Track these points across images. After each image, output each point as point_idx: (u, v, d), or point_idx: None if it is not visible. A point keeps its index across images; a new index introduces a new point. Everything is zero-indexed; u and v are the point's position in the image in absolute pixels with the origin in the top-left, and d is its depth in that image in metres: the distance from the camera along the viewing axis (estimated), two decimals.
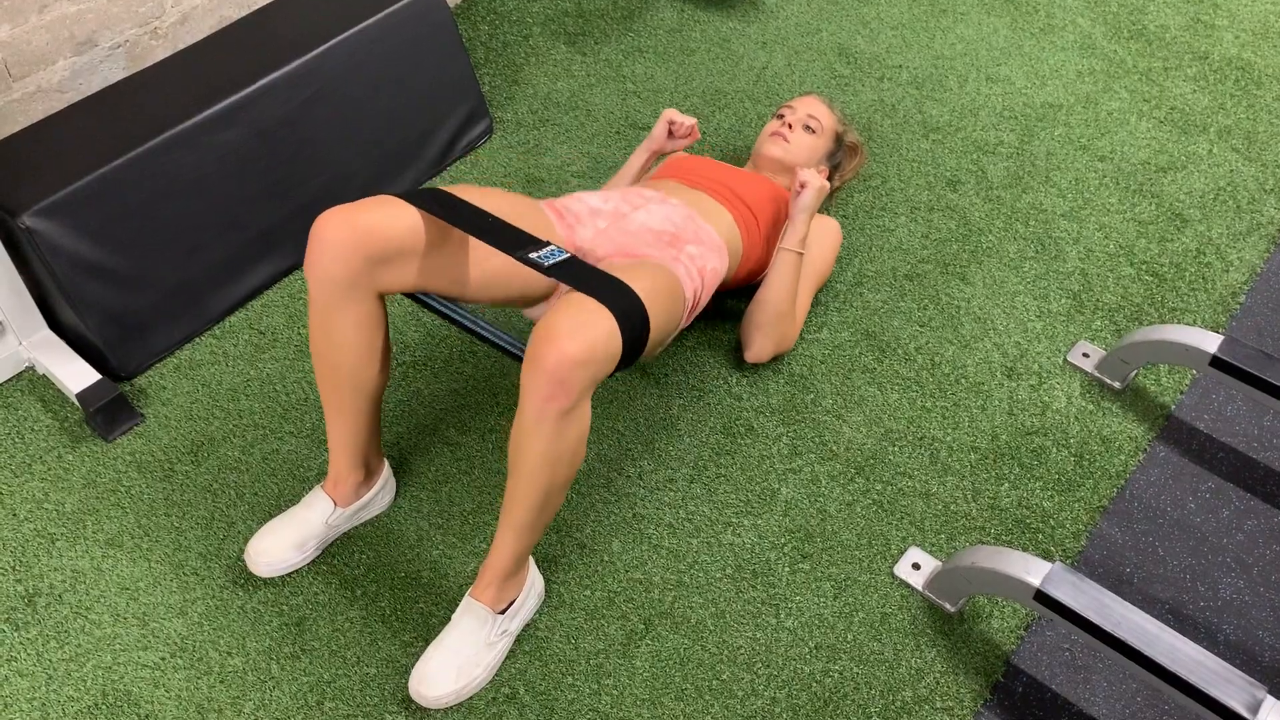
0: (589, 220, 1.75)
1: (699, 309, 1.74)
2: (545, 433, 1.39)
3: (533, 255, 1.45)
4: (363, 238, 1.46)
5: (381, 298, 1.54)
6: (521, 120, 2.54)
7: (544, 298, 1.72)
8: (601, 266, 1.66)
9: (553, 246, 1.48)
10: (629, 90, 2.62)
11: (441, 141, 2.38)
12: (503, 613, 1.57)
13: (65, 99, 2.09)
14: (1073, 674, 1.59)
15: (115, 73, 2.15)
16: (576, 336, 1.34)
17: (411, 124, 2.30)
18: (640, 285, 1.50)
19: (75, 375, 1.89)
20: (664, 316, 1.55)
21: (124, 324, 1.95)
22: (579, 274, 1.45)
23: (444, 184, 2.37)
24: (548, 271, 1.44)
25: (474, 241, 1.58)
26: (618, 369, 1.43)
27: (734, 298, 2.12)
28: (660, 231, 1.74)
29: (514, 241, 1.47)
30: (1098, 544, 1.74)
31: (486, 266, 1.60)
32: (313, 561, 1.70)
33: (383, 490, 1.76)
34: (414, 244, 1.50)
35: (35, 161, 1.87)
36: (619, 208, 1.78)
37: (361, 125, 2.20)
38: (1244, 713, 1.36)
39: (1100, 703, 1.56)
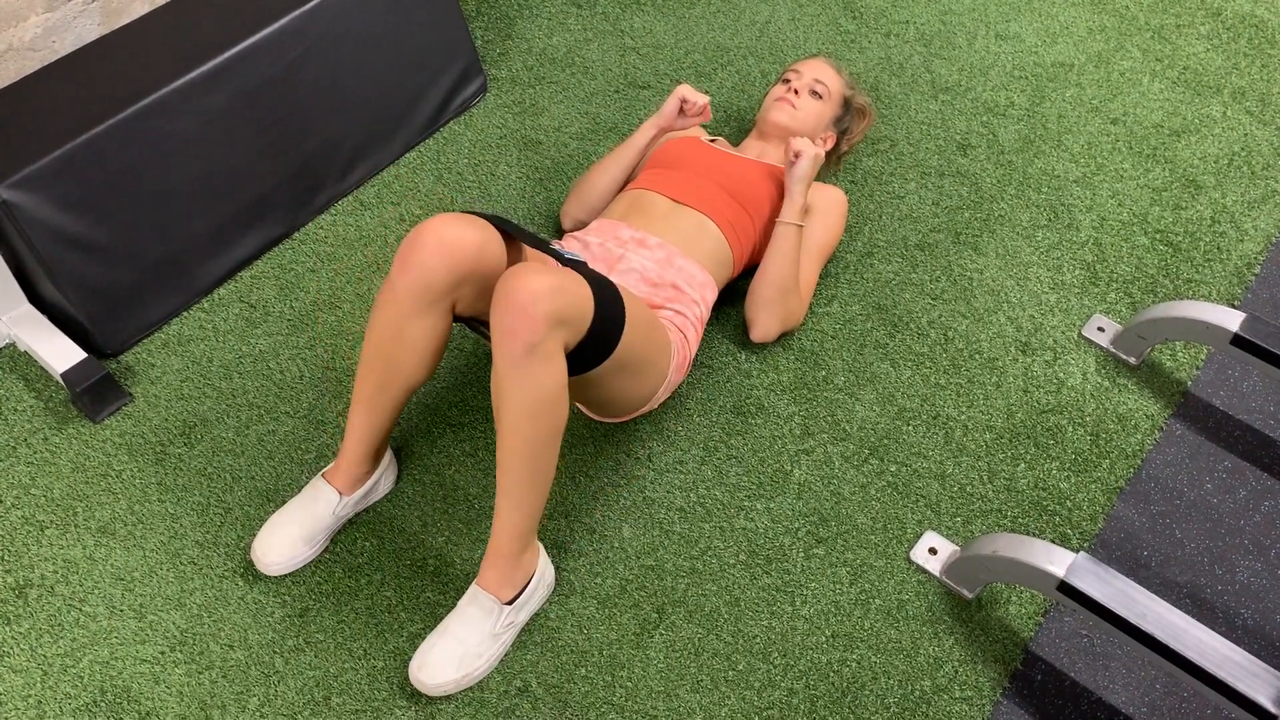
0: None
1: (689, 362, 1.78)
2: (518, 376, 1.38)
3: (554, 246, 1.60)
4: (473, 253, 1.50)
5: (452, 311, 1.57)
6: (516, 78, 2.44)
7: None
8: None
9: (575, 254, 1.61)
10: (628, 46, 2.53)
11: (434, 101, 2.28)
12: (510, 603, 1.52)
13: (38, 58, 1.98)
14: (1091, 661, 1.57)
15: (90, 30, 2.04)
16: (545, 275, 1.38)
17: (403, 83, 2.20)
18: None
19: (59, 353, 1.81)
20: (643, 331, 1.58)
21: (108, 298, 1.86)
22: (583, 269, 1.53)
23: (437, 145, 2.28)
24: (565, 262, 1.52)
25: None
26: (594, 356, 1.47)
27: (740, 275, 2.05)
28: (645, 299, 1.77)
29: (545, 245, 1.60)
30: (1115, 526, 1.71)
31: None
32: None
33: (385, 473, 1.70)
34: (498, 266, 1.54)
35: (10, 129, 1.77)
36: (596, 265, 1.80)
37: (351, 86, 2.10)
38: (1271, 708, 1.34)
39: (1119, 690, 1.54)
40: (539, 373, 1.38)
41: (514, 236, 1.57)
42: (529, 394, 1.39)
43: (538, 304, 1.35)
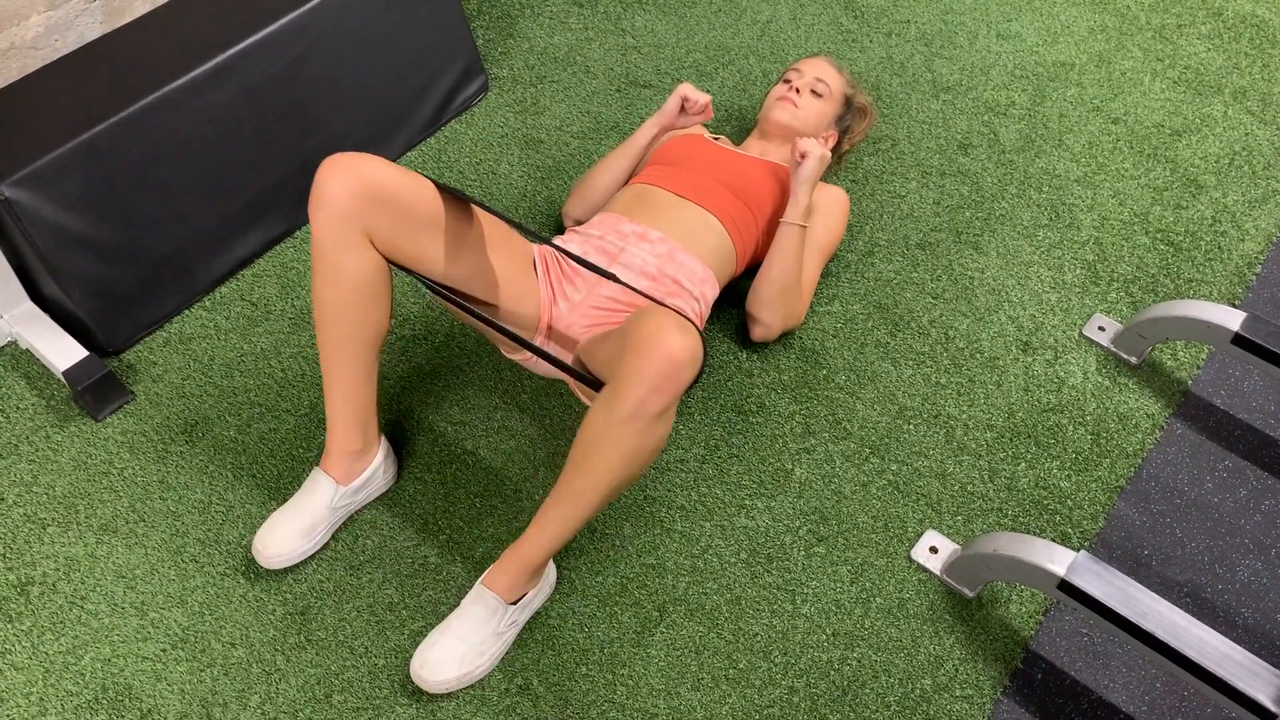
0: (569, 292, 1.73)
1: None
2: (637, 429, 1.36)
3: (559, 244, 1.56)
4: (373, 176, 1.48)
5: (373, 245, 1.53)
6: (518, 77, 2.44)
7: (527, 327, 1.70)
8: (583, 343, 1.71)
9: (542, 234, 1.60)
10: (629, 45, 2.53)
11: (436, 100, 2.28)
12: (514, 604, 1.53)
13: (41, 56, 1.98)
14: (1092, 659, 1.57)
15: (93, 28, 2.04)
16: (687, 336, 1.34)
17: (405, 82, 2.20)
18: None
19: (61, 351, 1.82)
20: None
21: (110, 296, 1.87)
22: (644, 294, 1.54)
23: (439, 144, 2.28)
24: (528, 235, 1.50)
25: (477, 248, 1.60)
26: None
27: (742, 275, 2.05)
28: (631, 302, 1.73)
29: (502, 216, 1.51)
30: (1115, 526, 1.71)
31: (485, 265, 1.61)
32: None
33: (382, 466, 1.70)
34: (422, 208, 1.52)
35: (12, 127, 1.78)
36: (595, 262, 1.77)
37: (353, 84, 2.10)
38: (1271, 706, 1.34)
39: (1119, 689, 1.55)
40: (655, 430, 1.38)
41: (457, 198, 1.54)
42: (639, 446, 1.38)
43: (684, 373, 1.33)
